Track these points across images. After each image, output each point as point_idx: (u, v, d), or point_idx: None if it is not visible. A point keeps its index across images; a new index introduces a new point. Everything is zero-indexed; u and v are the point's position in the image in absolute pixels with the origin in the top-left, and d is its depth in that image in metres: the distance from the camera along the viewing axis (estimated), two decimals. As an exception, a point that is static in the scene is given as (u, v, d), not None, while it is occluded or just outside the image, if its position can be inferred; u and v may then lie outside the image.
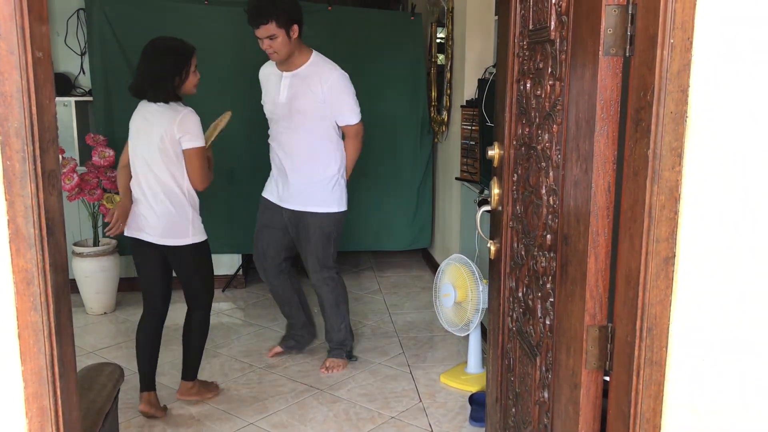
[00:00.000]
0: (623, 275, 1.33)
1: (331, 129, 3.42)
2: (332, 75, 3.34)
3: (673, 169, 1.21)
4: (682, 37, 1.17)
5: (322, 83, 3.32)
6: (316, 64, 3.38)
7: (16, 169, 1.19)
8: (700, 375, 1.28)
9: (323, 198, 3.45)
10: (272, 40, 3.28)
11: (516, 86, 1.92)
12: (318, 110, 3.36)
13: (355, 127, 3.45)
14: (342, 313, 3.62)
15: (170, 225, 3.00)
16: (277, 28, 3.25)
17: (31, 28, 1.18)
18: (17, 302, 1.22)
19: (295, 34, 3.30)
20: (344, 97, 3.37)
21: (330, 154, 3.44)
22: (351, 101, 3.40)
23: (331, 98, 3.34)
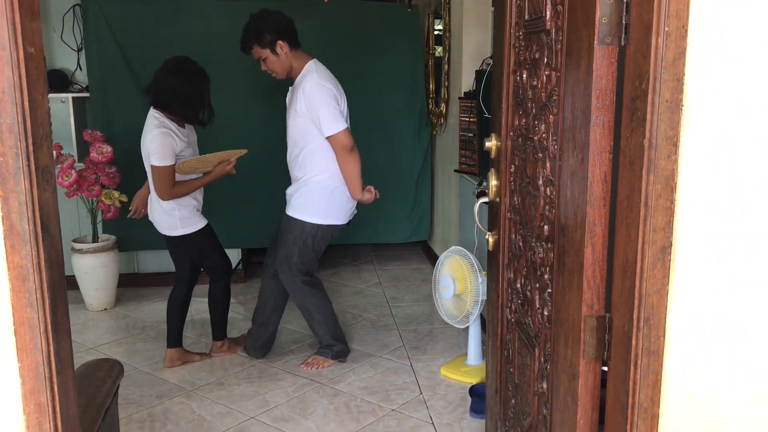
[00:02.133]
0: (620, 265, 1.33)
1: (317, 144, 3.30)
2: (307, 84, 3.24)
3: (668, 158, 1.21)
4: (677, 25, 1.16)
5: (302, 93, 3.25)
6: (303, 75, 3.32)
7: (9, 165, 1.18)
8: (698, 364, 1.28)
9: (301, 205, 3.39)
10: (264, 62, 3.33)
11: (512, 77, 1.91)
12: (306, 125, 3.28)
13: (336, 139, 3.25)
14: (317, 320, 3.54)
15: (162, 218, 3.39)
16: (261, 50, 3.29)
17: (22, 23, 1.17)
18: (13, 299, 1.22)
19: (283, 50, 3.28)
20: (317, 106, 3.22)
21: (322, 166, 3.33)
22: (324, 111, 3.22)
23: (308, 109, 3.24)
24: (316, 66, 3.33)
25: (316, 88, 3.22)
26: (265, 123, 4.86)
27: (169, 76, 3.25)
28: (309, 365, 3.55)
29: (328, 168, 3.34)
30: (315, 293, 3.52)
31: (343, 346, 3.63)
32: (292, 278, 3.46)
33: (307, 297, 3.51)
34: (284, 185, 4.88)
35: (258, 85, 4.79)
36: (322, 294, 3.57)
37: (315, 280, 3.57)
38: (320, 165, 3.33)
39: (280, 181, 4.90)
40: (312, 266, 3.52)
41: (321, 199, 3.37)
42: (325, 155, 3.32)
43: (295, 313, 4.39)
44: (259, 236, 5.05)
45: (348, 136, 3.28)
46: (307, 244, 3.42)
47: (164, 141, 3.19)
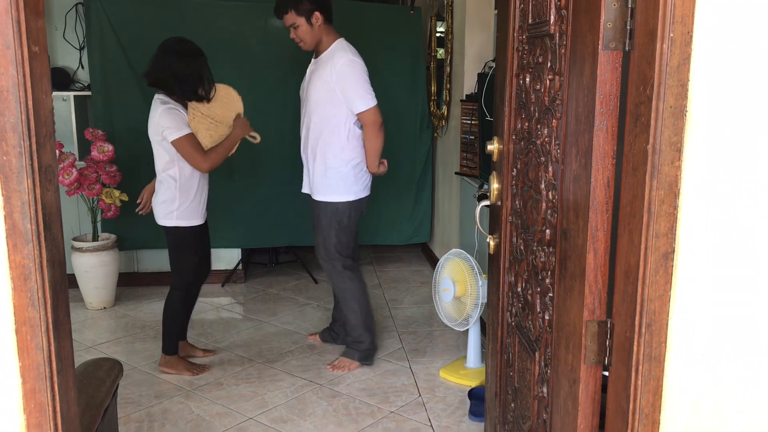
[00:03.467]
0: (622, 270, 1.32)
1: (345, 118, 3.33)
2: (340, 60, 3.26)
3: (672, 164, 1.20)
4: (681, 31, 1.16)
5: (331, 70, 3.27)
6: (332, 51, 3.33)
7: (12, 164, 1.18)
8: (700, 370, 1.28)
9: (330, 186, 3.40)
10: (295, 29, 3.32)
11: (515, 80, 1.91)
12: (329, 98, 3.30)
13: (368, 115, 3.30)
14: (353, 309, 3.55)
15: (161, 205, 3.37)
16: (297, 17, 3.28)
17: (27, 22, 1.17)
18: (14, 298, 1.22)
19: (318, 21, 3.28)
20: (350, 83, 3.26)
21: (342, 143, 3.36)
22: (358, 87, 3.27)
23: (339, 85, 3.26)
24: (347, 44, 3.36)
25: (350, 64, 3.26)
26: (266, 122, 4.84)
27: (165, 57, 3.24)
28: (335, 367, 3.54)
29: (347, 144, 3.36)
30: (355, 279, 3.54)
31: (370, 344, 3.60)
32: (331, 263, 3.50)
33: (346, 282, 3.52)
34: (286, 186, 4.92)
35: (259, 84, 4.80)
36: (362, 282, 3.59)
37: (356, 266, 3.59)
38: (340, 142, 3.35)
39: (281, 181, 4.93)
40: (350, 246, 3.54)
41: (348, 177, 3.40)
42: (344, 131, 3.35)
43: (294, 313, 4.40)
44: (259, 236, 5.05)
45: (379, 112, 3.33)
46: (343, 223, 3.46)
47: (172, 114, 3.20)
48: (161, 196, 3.35)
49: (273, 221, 5.01)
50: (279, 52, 4.77)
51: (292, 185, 4.88)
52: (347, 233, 3.49)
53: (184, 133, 3.20)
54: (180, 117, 3.22)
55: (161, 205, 3.36)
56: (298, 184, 4.85)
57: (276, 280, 5.15)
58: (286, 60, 4.75)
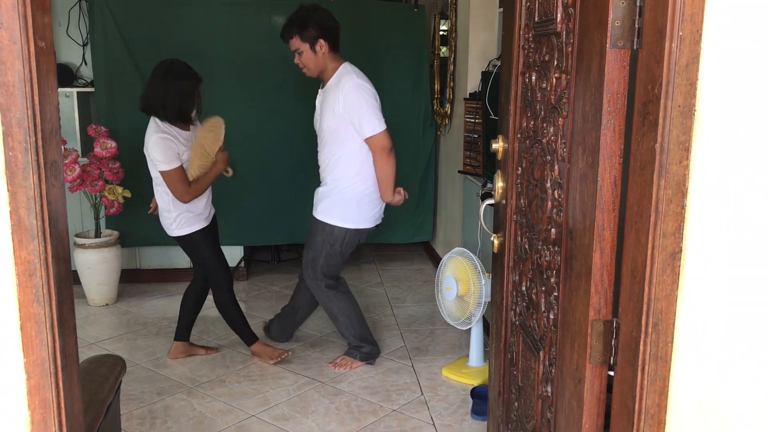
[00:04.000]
0: (629, 270, 1.32)
1: (360, 147, 3.27)
2: (346, 85, 3.20)
3: (680, 164, 1.20)
4: (691, 30, 1.16)
5: (338, 96, 3.21)
6: (338, 77, 3.27)
7: (18, 159, 1.18)
8: (707, 370, 1.28)
9: (325, 206, 3.38)
10: (300, 55, 3.30)
11: (521, 79, 1.90)
12: (340, 127, 3.24)
13: (375, 140, 3.22)
14: (344, 324, 3.53)
15: (162, 219, 3.42)
16: (301, 43, 3.25)
17: (33, 17, 1.17)
18: (19, 294, 1.21)
19: (322, 49, 3.25)
20: (356, 107, 3.19)
21: (356, 172, 3.31)
22: (365, 111, 3.19)
23: (347, 110, 3.20)
24: (352, 68, 3.30)
25: (356, 88, 3.20)
26: (267, 120, 4.86)
27: (153, 79, 3.24)
28: (337, 365, 3.53)
29: (362, 171, 3.31)
30: (339, 296, 3.51)
31: (372, 348, 3.59)
32: (316, 281, 3.47)
33: (331, 300, 3.50)
34: (288, 184, 4.92)
35: (261, 82, 4.80)
36: (346, 297, 3.54)
37: (340, 282, 3.55)
38: (354, 169, 3.30)
39: (281, 179, 4.93)
40: (337, 270, 3.51)
41: (351, 203, 3.34)
42: (360, 158, 3.29)
43: (297, 311, 4.39)
44: (261, 234, 5.05)
45: (388, 137, 3.25)
46: (335, 248, 3.40)
47: (164, 145, 3.17)
48: (161, 208, 3.39)
49: (275, 219, 5.00)
50: (282, 49, 4.74)
51: (294, 183, 4.90)
52: (336, 258, 3.44)
53: (172, 166, 3.19)
54: (171, 148, 3.19)
55: (162, 216, 3.40)
56: (299, 182, 4.87)
57: (278, 277, 5.15)
58: (290, 60, 4.72)
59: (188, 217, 3.36)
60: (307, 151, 4.33)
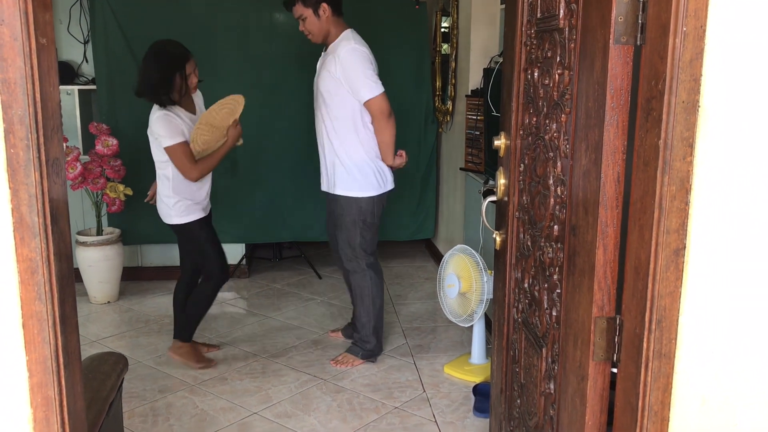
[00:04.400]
0: (632, 267, 1.31)
1: (356, 111, 3.29)
2: (343, 49, 3.22)
3: (684, 160, 1.19)
4: (695, 25, 1.15)
5: (335, 60, 3.24)
6: (337, 42, 3.29)
7: (20, 157, 1.18)
8: (711, 367, 1.27)
9: (348, 182, 3.37)
10: (303, 21, 3.31)
11: (523, 75, 1.90)
12: (337, 90, 3.27)
13: (373, 103, 3.24)
14: (367, 308, 3.51)
15: (160, 204, 3.41)
16: (305, 8, 3.27)
17: (34, 14, 1.16)
18: (21, 291, 1.21)
19: (325, 13, 3.27)
20: (353, 71, 3.21)
21: (356, 136, 3.33)
22: (360, 74, 3.22)
23: (344, 74, 3.22)
24: (353, 34, 3.32)
25: (351, 52, 3.22)
26: (269, 117, 4.85)
27: (144, 62, 3.26)
28: (339, 362, 3.52)
29: (363, 138, 3.33)
30: (376, 279, 3.50)
31: (376, 345, 3.57)
32: (356, 261, 3.46)
33: (366, 280, 3.48)
34: (290, 181, 4.92)
35: (262, 79, 4.79)
36: (382, 282, 3.55)
37: (378, 264, 3.55)
38: (354, 136, 3.32)
39: (285, 177, 4.92)
40: (375, 243, 3.50)
41: (368, 172, 3.36)
42: (360, 124, 3.31)
43: (298, 308, 4.39)
44: (263, 232, 5.05)
45: (386, 100, 3.27)
46: (367, 220, 3.42)
47: (168, 120, 3.19)
48: (161, 194, 3.37)
49: (277, 217, 5.00)
50: (284, 46, 4.76)
51: (296, 180, 4.89)
52: (371, 230, 3.45)
53: (176, 141, 3.19)
54: (175, 124, 3.20)
55: (161, 202, 3.38)
56: (302, 179, 4.87)
57: (280, 275, 5.15)
58: (291, 54, 4.74)
59: (188, 204, 3.34)
60: (309, 148, 4.33)
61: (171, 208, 3.34)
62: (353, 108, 3.29)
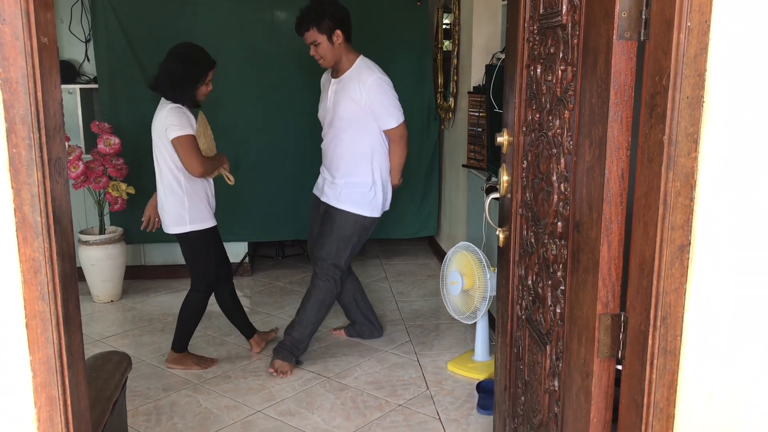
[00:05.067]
0: (637, 263, 1.31)
1: (374, 136, 3.38)
2: (369, 78, 3.30)
3: (688, 156, 1.19)
4: (699, 20, 1.14)
5: (360, 88, 3.30)
6: (357, 69, 3.35)
7: (22, 156, 1.17)
8: (716, 364, 1.27)
9: (355, 199, 3.41)
10: (316, 47, 3.33)
11: (526, 72, 1.89)
12: (359, 117, 3.34)
13: (396, 131, 3.39)
14: (318, 315, 3.47)
15: (171, 212, 3.31)
16: (319, 35, 3.29)
17: (36, 13, 1.16)
18: (25, 291, 1.21)
19: (339, 39, 3.31)
20: (382, 100, 3.32)
21: (369, 161, 3.39)
22: (389, 105, 3.34)
23: (369, 103, 3.30)
24: (369, 62, 3.41)
25: (379, 82, 3.32)
26: (270, 116, 4.85)
27: (167, 59, 3.27)
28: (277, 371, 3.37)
29: (376, 163, 3.40)
30: (336, 292, 3.51)
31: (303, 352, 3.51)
32: (333, 271, 3.46)
33: (332, 290, 3.48)
34: (292, 180, 4.91)
35: (264, 78, 4.78)
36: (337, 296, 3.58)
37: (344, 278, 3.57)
38: (370, 162, 3.39)
39: (286, 175, 4.92)
40: (350, 260, 3.55)
41: (378, 192, 3.43)
42: (377, 147, 3.40)
43: (302, 306, 4.39)
44: (266, 231, 5.05)
45: (406, 127, 3.43)
46: (363, 238, 3.49)
47: (181, 112, 3.20)
48: (169, 204, 3.29)
49: (279, 215, 5.00)
50: (285, 46, 4.75)
51: (298, 179, 4.89)
52: (357, 248, 3.52)
53: (187, 132, 3.17)
54: (186, 116, 3.20)
55: (171, 213, 3.31)
56: (303, 178, 4.86)
57: (282, 273, 5.15)
58: (293, 54, 4.73)
59: (202, 209, 3.31)
60: (311, 146, 4.32)
61: (186, 214, 3.28)
62: (374, 133, 3.38)
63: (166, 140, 3.19)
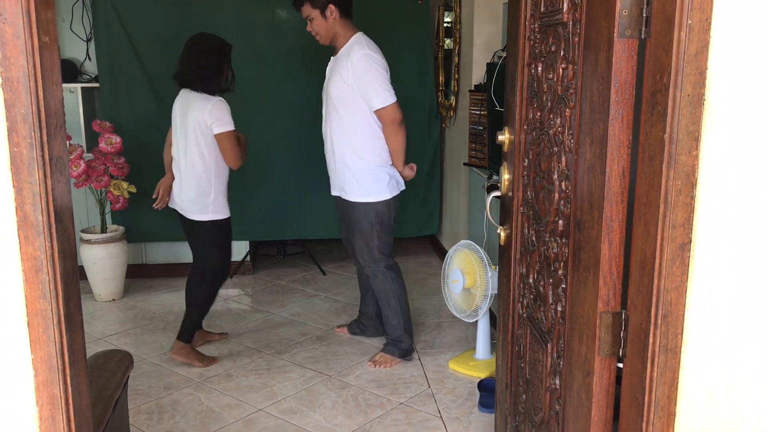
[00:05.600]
0: (638, 261, 1.31)
1: (368, 118, 3.26)
2: (356, 55, 3.18)
3: (689, 154, 1.19)
4: (700, 18, 1.14)
5: (349, 65, 3.20)
6: (349, 46, 3.26)
7: (23, 155, 1.17)
8: (717, 362, 1.27)
9: (360, 187, 3.35)
10: (311, 21, 3.29)
11: (527, 70, 1.89)
12: (349, 96, 3.24)
13: (385, 112, 3.21)
14: (393, 308, 3.48)
15: (193, 201, 3.36)
16: (312, 9, 3.26)
17: (37, 12, 1.16)
18: (26, 290, 1.21)
19: (333, 14, 3.24)
20: (366, 78, 3.18)
21: (366, 143, 3.30)
22: (374, 83, 3.18)
23: (356, 81, 3.19)
24: (365, 38, 3.28)
25: (365, 59, 3.18)
26: (273, 114, 4.84)
27: (186, 54, 3.32)
28: (376, 363, 3.46)
29: (373, 144, 3.30)
30: (397, 279, 3.49)
31: (410, 343, 3.54)
32: (375, 265, 3.44)
33: (388, 282, 3.46)
34: (294, 179, 4.91)
35: (265, 76, 4.78)
36: (403, 281, 3.54)
37: (396, 264, 3.54)
38: (365, 141, 3.29)
39: (288, 174, 4.92)
40: (391, 243, 3.49)
41: (381, 176, 3.33)
42: (371, 130, 3.29)
43: (303, 304, 4.40)
44: (268, 229, 5.05)
45: (398, 109, 3.24)
46: (384, 223, 3.40)
47: (226, 106, 3.26)
48: (193, 191, 3.34)
49: (281, 214, 5.00)
50: (286, 43, 4.75)
51: (301, 177, 4.89)
52: (387, 232, 3.43)
53: (232, 128, 3.25)
54: (228, 111, 3.27)
55: (195, 200, 3.35)
56: (306, 176, 4.87)
57: (284, 271, 5.15)
58: (294, 52, 4.73)
59: (222, 200, 3.39)
60: (313, 145, 4.32)
61: (210, 203, 3.34)
62: (365, 115, 3.25)
63: (209, 133, 3.25)
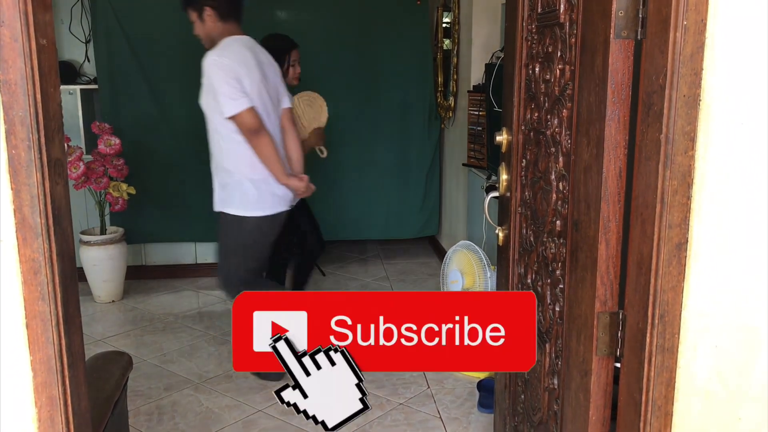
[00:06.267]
0: (635, 261, 1.31)
1: (224, 123, 2.94)
2: (205, 62, 2.89)
3: (685, 154, 1.19)
4: (695, 19, 1.15)
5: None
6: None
7: (21, 157, 1.18)
8: (713, 362, 1.27)
9: (224, 197, 3.07)
10: (194, 25, 3.08)
11: (524, 71, 1.89)
12: (209, 101, 2.96)
13: (237, 120, 2.89)
14: None
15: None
16: (191, 11, 3.04)
17: (34, 14, 1.16)
18: (24, 292, 1.22)
19: (209, 18, 2.99)
20: (212, 85, 2.88)
21: (233, 152, 2.99)
22: (218, 90, 2.86)
23: (208, 89, 2.92)
24: (229, 42, 2.97)
25: (211, 65, 2.88)
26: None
27: None
28: None
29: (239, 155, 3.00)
30: None
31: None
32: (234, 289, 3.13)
33: None
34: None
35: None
36: None
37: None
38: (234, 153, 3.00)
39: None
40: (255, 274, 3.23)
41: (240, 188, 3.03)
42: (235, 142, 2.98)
43: (303, 306, 4.39)
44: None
45: (250, 116, 2.89)
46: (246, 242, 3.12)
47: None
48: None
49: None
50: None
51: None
52: (245, 257, 3.11)
53: None
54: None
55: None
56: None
57: (283, 272, 5.15)
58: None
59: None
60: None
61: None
62: (224, 120, 2.94)
63: None
